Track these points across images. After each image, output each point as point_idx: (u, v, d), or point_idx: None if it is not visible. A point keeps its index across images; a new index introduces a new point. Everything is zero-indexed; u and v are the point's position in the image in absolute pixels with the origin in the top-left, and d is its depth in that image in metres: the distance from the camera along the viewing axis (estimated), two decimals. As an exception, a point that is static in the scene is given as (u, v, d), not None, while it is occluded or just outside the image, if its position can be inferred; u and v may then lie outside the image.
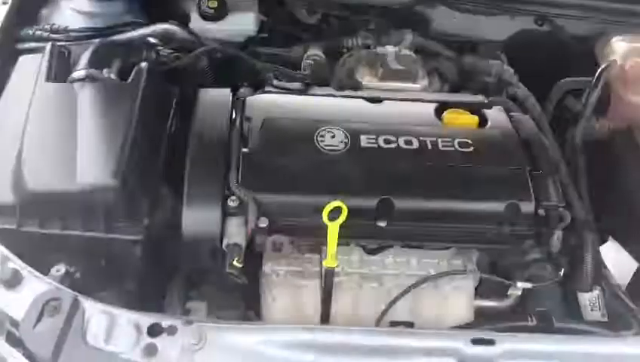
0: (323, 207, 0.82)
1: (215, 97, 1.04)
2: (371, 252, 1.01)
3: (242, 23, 1.22)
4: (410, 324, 0.96)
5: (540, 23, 1.28)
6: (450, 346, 0.76)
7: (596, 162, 1.10)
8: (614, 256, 1.05)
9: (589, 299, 1.00)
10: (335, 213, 0.86)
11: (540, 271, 1.00)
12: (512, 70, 1.18)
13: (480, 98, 1.13)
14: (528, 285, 0.99)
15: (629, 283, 1.04)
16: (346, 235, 0.91)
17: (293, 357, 0.73)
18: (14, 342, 0.72)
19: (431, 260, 1.01)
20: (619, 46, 1.14)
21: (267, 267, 0.98)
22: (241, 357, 0.73)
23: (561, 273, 1.02)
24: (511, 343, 0.77)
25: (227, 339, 0.75)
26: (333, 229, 0.88)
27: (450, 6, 1.26)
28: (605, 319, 0.99)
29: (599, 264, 1.01)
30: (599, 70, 1.11)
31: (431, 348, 0.75)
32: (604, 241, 1.10)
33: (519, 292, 1.01)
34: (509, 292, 1.01)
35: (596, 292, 1.00)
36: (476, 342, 0.76)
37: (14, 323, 0.73)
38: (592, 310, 1.00)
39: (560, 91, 1.16)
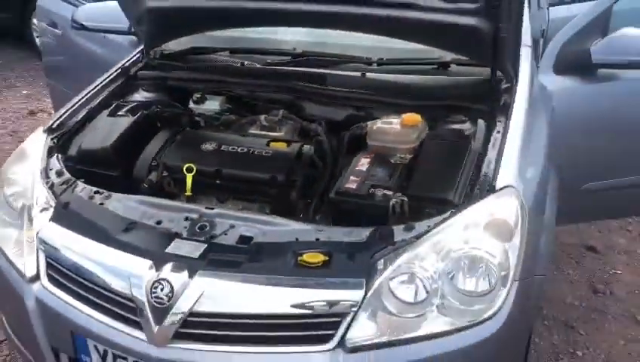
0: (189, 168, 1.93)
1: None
2: (220, 201, 2.03)
3: (212, 106, 2.39)
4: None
5: (359, 110, 2.26)
6: (195, 208, 1.78)
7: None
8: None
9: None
10: (189, 169, 1.96)
11: None
12: (320, 128, 2.16)
13: (296, 138, 2.15)
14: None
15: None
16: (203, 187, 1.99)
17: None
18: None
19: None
20: (382, 118, 2.08)
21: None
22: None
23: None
24: (222, 210, 1.76)
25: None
26: (189, 177, 1.96)
27: (313, 102, 2.28)
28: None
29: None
30: (354, 126, 2.09)
31: (185, 207, 1.78)
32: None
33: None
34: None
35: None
36: (207, 208, 1.77)
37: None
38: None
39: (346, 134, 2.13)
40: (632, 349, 2.48)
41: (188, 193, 1.95)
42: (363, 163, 1.93)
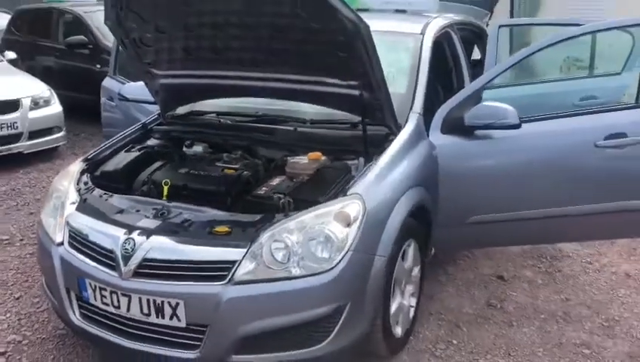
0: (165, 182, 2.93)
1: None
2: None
3: (197, 149, 3.40)
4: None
5: (290, 151, 3.20)
6: (160, 202, 2.75)
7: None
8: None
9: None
10: (165, 183, 2.95)
11: None
12: (260, 162, 3.12)
13: (242, 168, 3.11)
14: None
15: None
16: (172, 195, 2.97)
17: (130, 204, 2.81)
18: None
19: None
20: (299, 155, 3.04)
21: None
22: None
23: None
24: (177, 203, 2.72)
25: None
26: (165, 188, 2.95)
27: (262, 146, 3.27)
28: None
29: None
30: (279, 160, 3.04)
31: (155, 202, 2.75)
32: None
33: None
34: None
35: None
36: (168, 202, 2.74)
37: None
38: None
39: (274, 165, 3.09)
40: (498, 341, 3.15)
41: (164, 198, 2.94)
42: (275, 180, 2.88)
